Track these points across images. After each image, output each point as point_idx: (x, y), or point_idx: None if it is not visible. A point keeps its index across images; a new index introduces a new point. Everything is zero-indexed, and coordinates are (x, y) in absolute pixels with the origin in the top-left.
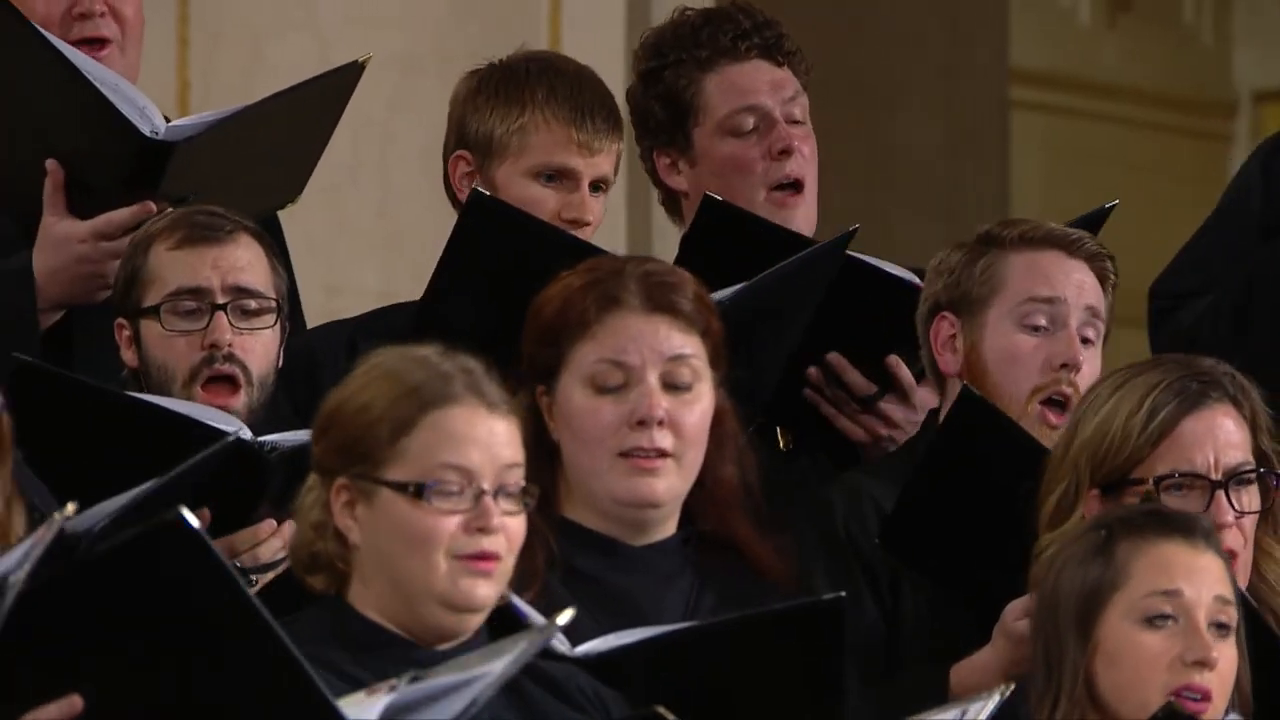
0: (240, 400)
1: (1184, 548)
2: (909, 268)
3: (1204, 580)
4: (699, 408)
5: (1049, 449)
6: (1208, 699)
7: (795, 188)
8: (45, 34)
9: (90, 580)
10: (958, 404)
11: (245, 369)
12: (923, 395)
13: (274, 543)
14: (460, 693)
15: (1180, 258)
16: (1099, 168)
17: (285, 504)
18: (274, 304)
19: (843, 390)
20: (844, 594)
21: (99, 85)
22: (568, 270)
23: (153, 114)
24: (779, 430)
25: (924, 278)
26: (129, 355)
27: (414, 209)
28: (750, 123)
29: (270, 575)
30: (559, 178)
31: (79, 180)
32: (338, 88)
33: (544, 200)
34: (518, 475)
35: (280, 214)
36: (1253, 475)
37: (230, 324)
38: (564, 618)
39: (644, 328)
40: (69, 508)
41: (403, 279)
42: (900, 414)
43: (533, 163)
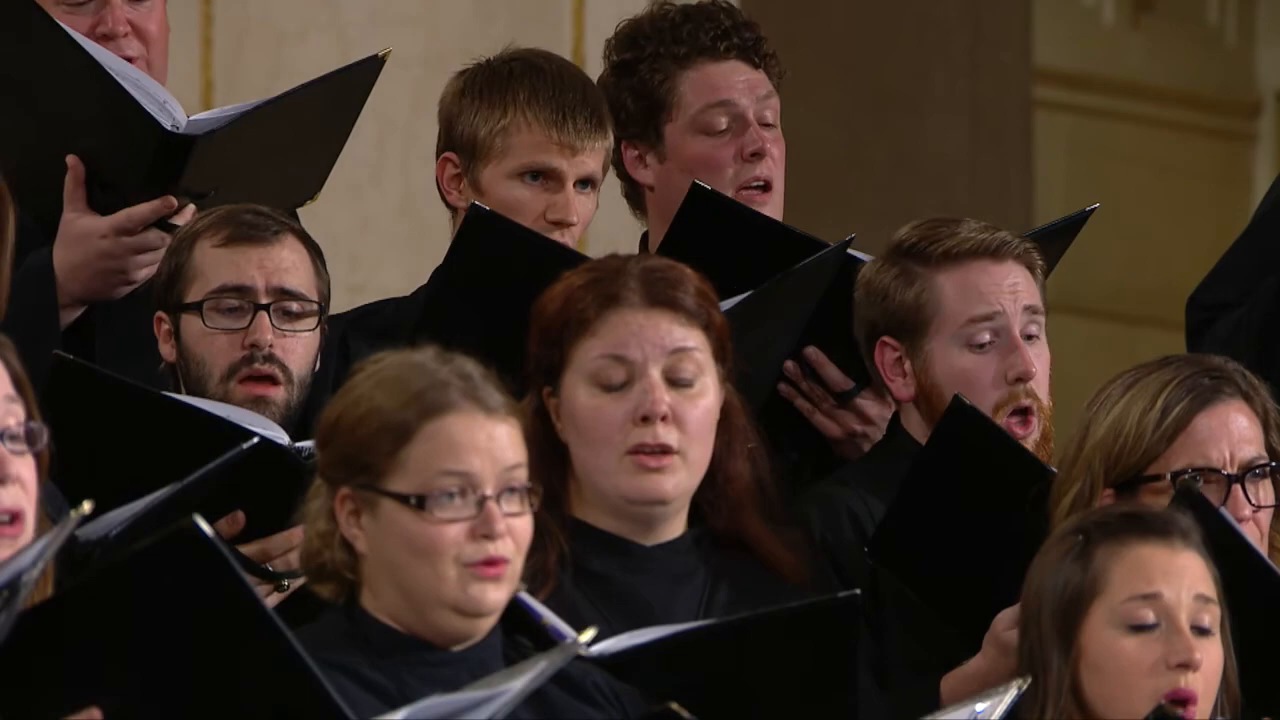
0: (280, 395)
1: (1161, 549)
2: None
3: (1183, 581)
4: (703, 402)
5: (1038, 458)
6: (1193, 702)
7: (764, 188)
8: (67, 29)
9: (105, 589)
10: (950, 414)
11: (285, 368)
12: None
13: None
14: (479, 709)
15: (1217, 268)
16: (1123, 167)
17: None
18: (316, 307)
19: (820, 385)
20: (858, 592)
21: (120, 79)
22: (570, 271)
23: (174, 108)
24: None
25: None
26: (167, 349)
27: (437, 209)
28: (723, 122)
29: (302, 580)
30: (542, 178)
31: (99, 176)
32: (358, 83)
33: (528, 201)
34: (521, 475)
35: (302, 213)
36: (1267, 469)
37: (272, 325)
38: (586, 635)
39: (644, 323)
40: (85, 506)
41: (425, 278)
42: (875, 410)
43: (516, 164)
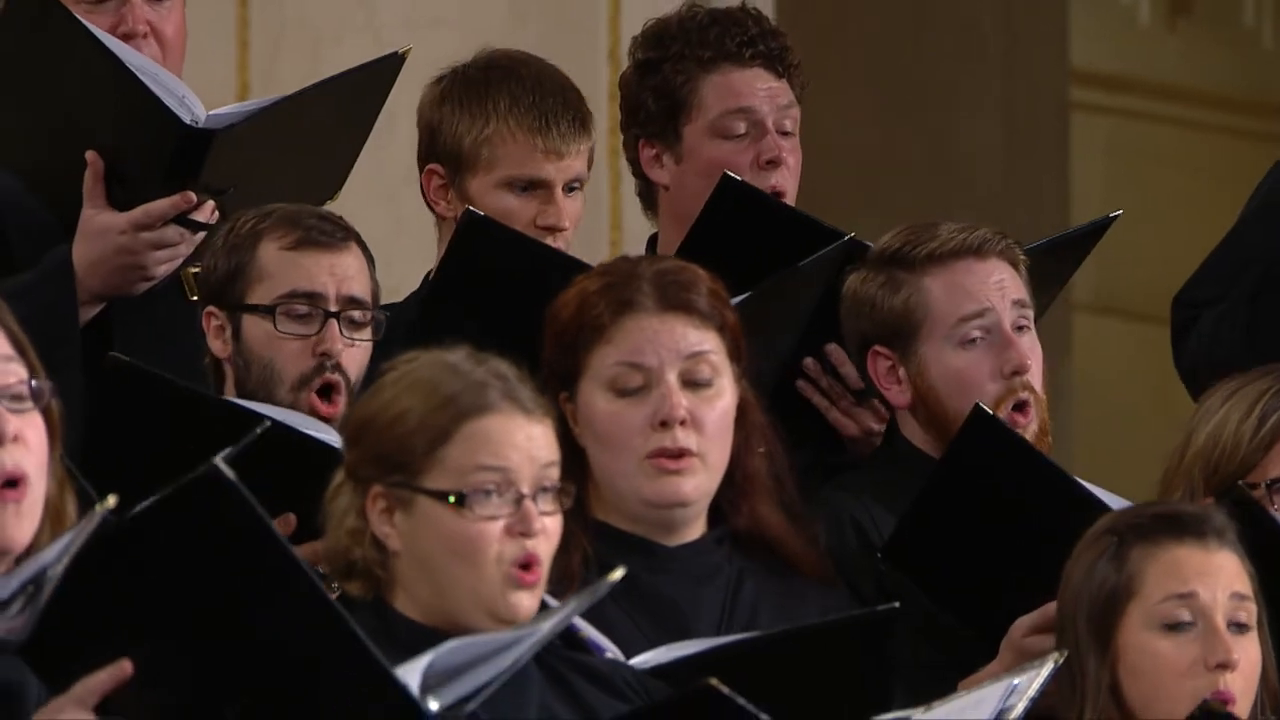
0: (340, 409)
1: (1196, 549)
2: None
3: (1218, 580)
4: (720, 404)
5: (1061, 467)
6: (1232, 703)
7: (778, 197)
8: (85, 22)
9: (131, 540)
10: (970, 423)
11: (346, 379)
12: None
13: None
14: (508, 651)
15: (1200, 268)
16: (1159, 169)
17: None
18: (374, 317)
19: (839, 382)
20: (897, 604)
21: (139, 74)
22: (583, 275)
23: (193, 103)
24: None
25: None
26: (218, 345)
27: None
28: (742, 127)
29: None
30: (531, 187)
31: (118, 171)
32: (377, 80)
33: (519, 210)
34: (554, 474)
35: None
36: None
37: (341, 333)
38: (616, 575)
39: (659, 328)
40: (110, 500)
41: None
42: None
43: (503, 175)
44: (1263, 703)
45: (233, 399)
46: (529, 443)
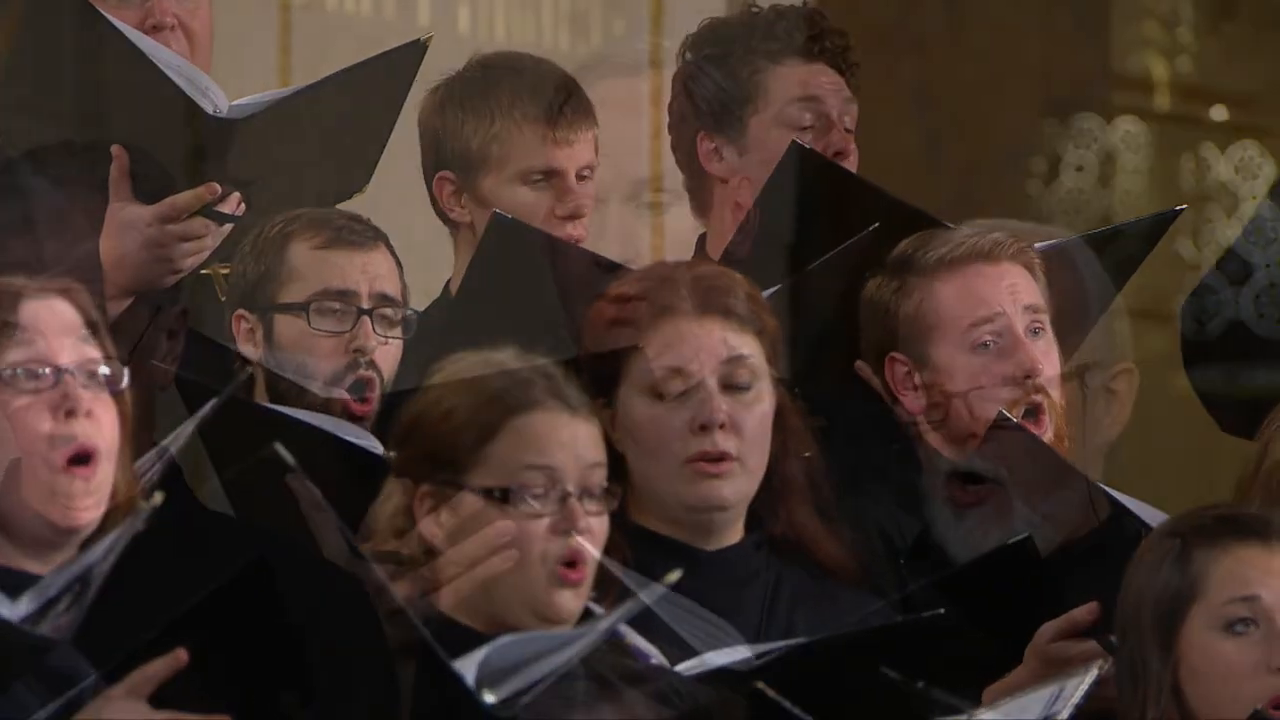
0: (372, 409)
1: (1259, 551)
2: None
3: None
4: (759, 408)
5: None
6: None
7: None
8: (107, 15)
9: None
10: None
11: (380, 376)
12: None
13: None
14: (565, 648)
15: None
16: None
17: None
18: (405, 315)
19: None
20: (943, 610)
21: (163, 66)
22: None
23: (215, 94)
24: None
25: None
26: (249, 349)
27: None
28: (809, 118)
29: None
30: (545, 178)
31: (143, 163)
32: (401, 68)
33: (535, 204)
34: (600, 475)
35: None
36: None
37: (374, 331)
38: (672, 577)
39: (699, 332)
40: (156, 497)
41: None
42: None
43: (516, 169)
44: None
45: (265, 403)
46: (574, 441)
